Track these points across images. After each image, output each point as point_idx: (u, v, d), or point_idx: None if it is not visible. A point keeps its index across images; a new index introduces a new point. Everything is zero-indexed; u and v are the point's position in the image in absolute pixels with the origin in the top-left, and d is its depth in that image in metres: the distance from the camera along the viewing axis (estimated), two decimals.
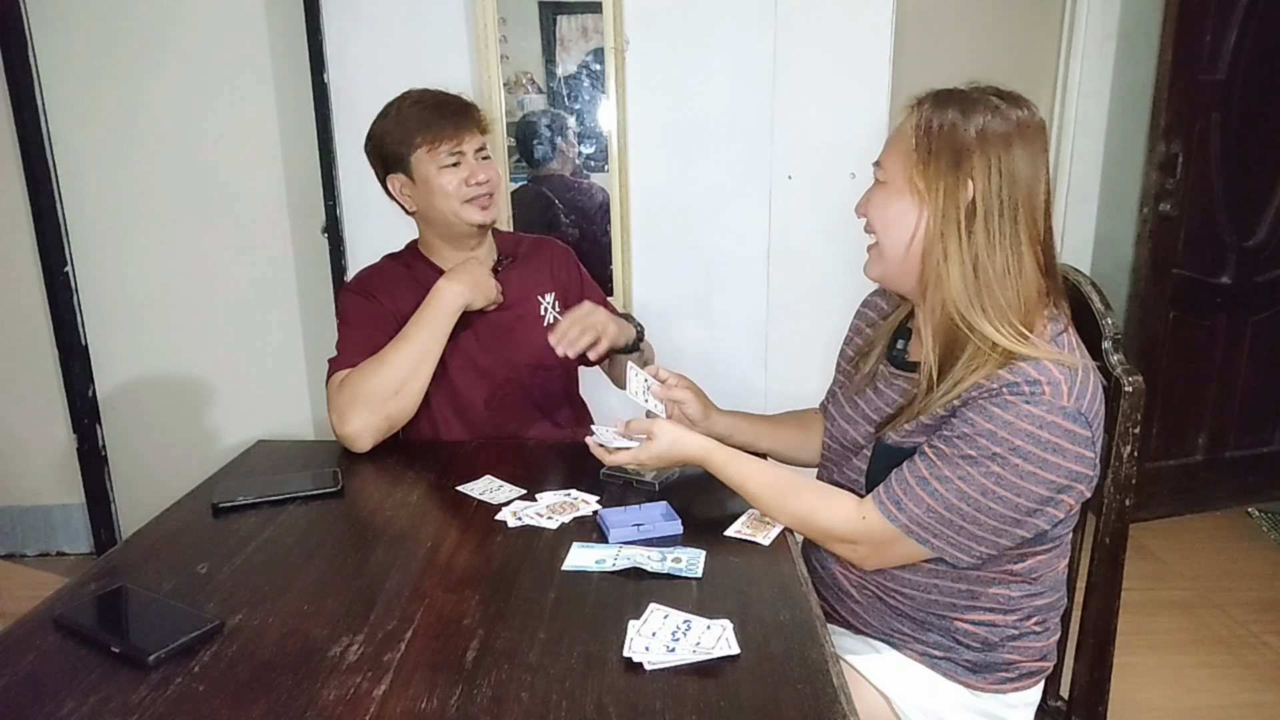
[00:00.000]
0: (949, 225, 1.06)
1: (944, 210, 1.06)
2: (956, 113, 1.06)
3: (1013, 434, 1.00)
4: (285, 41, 2.39)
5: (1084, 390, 1.01)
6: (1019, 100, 1.08)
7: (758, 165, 2.41)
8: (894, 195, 1.11)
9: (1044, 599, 1.16)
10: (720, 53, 2.35)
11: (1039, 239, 1.07)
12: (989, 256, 1.05)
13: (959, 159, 1.05)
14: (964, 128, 1.05)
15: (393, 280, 1.64)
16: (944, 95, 1.09)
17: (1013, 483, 1.01)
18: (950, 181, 1.05)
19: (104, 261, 2.55)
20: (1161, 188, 2.69)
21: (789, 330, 2.49)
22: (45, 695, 0.88)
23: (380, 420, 1.49)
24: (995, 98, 1.07)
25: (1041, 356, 1.01)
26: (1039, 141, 1.06)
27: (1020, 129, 1.05)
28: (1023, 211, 1.05)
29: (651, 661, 0.91)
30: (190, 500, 1.35)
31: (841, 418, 1.28)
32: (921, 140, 1.07)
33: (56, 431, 2.66)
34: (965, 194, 1.05)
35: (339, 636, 0.97)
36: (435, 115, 1.55)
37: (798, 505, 1.18)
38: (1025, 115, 1.06)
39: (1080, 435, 1.00)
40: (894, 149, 1.12)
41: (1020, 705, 1.19)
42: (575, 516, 1.27)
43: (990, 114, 1.05)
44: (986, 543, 1.05)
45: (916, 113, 1.10)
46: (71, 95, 2.45)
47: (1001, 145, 1.04)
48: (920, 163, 1.07)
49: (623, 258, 2.44)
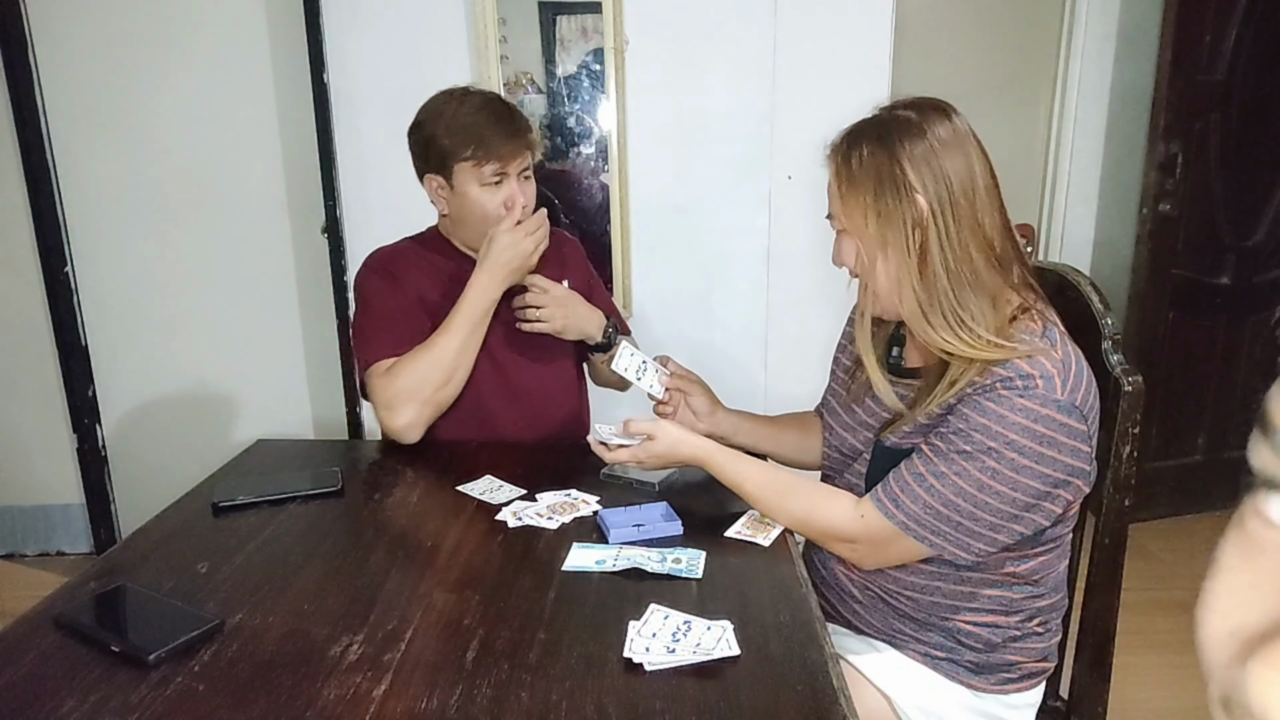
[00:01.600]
0: (897, 249, 1.07)
1: (889, 236, 1.07)
2: (872, 141, 1.07)
3: (1007, 428, 1.00)
4: (285, 41, 2.39)
5: (1078, 383, 1.01)
6: (929, 106, 1.08)
7: (758, 165, 2.41)
8: (847, 240, 1.13)
9: (1045, 600, 1.16)
10: (720, 53, 2.35)
11: (990, 241, 1.06)
12: (941, 268, 1.05)
13: (893, 181, 1.05)
14: (885, 151, 1.06)
15: (414, 264, 1.61)
16: (854, 131, 1.11)
17: (1009, 477, 1.01)
18: (891, 206, 1.06)
19: (104, 261, 2.55)
20: (1161, 188, 2.69)
21: (789, 330, 2.49)
22: (45, 694, 0.88)
23: (431, 410, 1.49)
24: (906, 110, 1.08)
25: (1034, 353, 1.01)
26: (966, 142, 1.06)
27: (941, 134, 1.05)
28: (965, 215, 1.05)
29: (652, 662, 0.91)
30: (190, 499, 1.35)
31: (840, 426, 1.28)
32: (846, 181, 1.09)
33: (56, 431, 2.66)
34: (912, 212, 1.05)
35: (339, 636, 0.97)
36: (492, 133, 1.49)
37: (796, 505, 1.18)
38: (937, 118, 1.07)
39: (1075, 429, 1.00)
40: (833, 198, 1.13)
41: (1021, 706, 1.19)
42: (575, 517, 1.27)
43: (905, 126, 1.06)
44: (984, 539, 1.05)
45: (834, 158, 1.12)
46: (71, 95, 2.45)
47: (928, 153, 1.05)
48: (856, 202, 1.09)
49: (623, 257, 2.44)
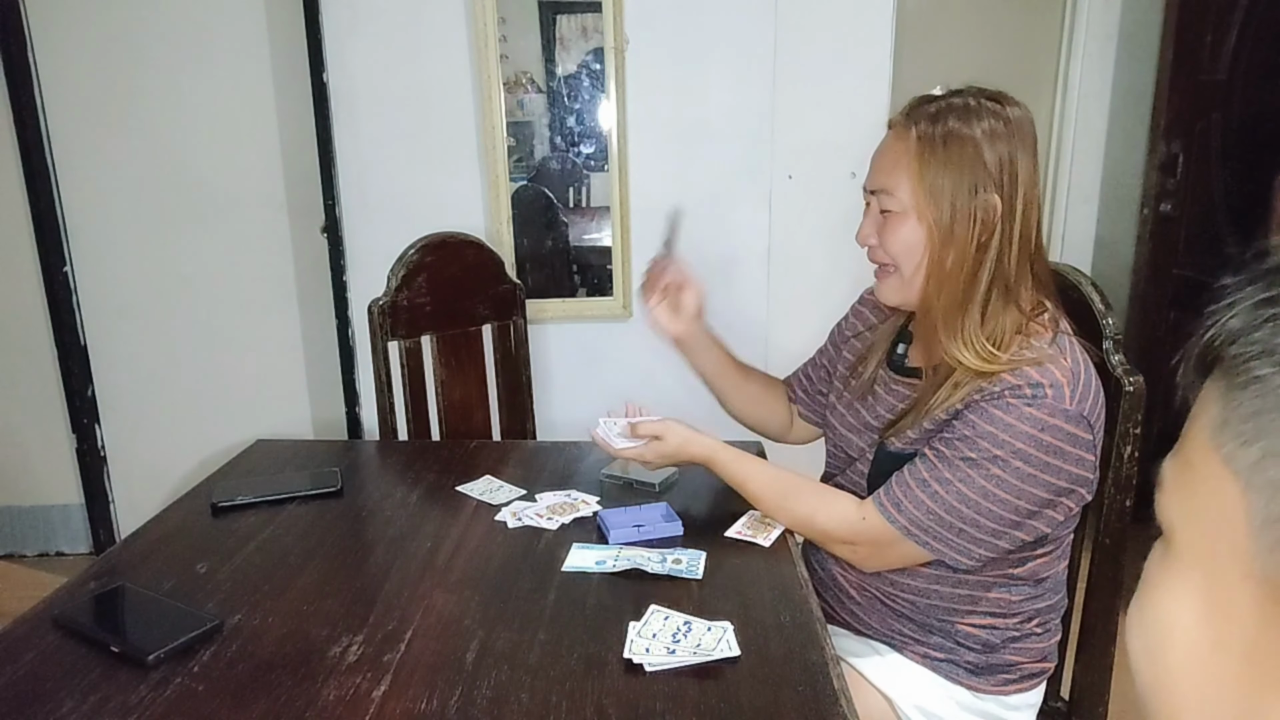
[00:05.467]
0: (960, 244, 1.03)
1: (956, 229, 1.03)
2: (960, 124, 1.02)
3: (1014, 437, 0.99)
4: (285, 41, 2.39)
5: (1086, 393, 1.00)
6: (1007, 99, 1.04)
7: (758, 165, 2.41)
8: (903, 221, 1.06)
9: (1045, 601, 1.16)
10: (720, 52, 2.35)
11: (1037, 246, 1.05)
12: (989, 272, 1.02)
13: (975, 173, 1.01)
14: (971, 139, 1.01)
15: None
16: (933, 106, 1.04)
17: (1013, 485, 1.00)
18: (969, 198, 1.02)
19: (103, 261, 2.54)
20: (1162, 188, 2.69)
21: (789, 330, 2.49)
22: (44, 694, 0.88)
23: None
24: (988, 101, 1.03)
25: (1043, 360, 1.00)
26: (1031, 140, 1.03)
27: (1019, 130, 1.02)
28: (1027, 220, 1.03)
29: (652, 663, 0.91)
30: (189, 500, 1.35)
31: (844, 427, 1.25)
32: (927, 161, 1.03)
33: (55, 431, 2.65)
34: (984, 209, 1.02)
35: (339, 637, 0.97)
36: None
37: (799, 507, 1.17)
38: (1020, 113, 1.03)
39: (1082, 439, 0.99)
40: (899, 174, 1.05)
41: (1022, 707, 1.18)
42: (575, 517, 1.26)
43: (992, 119, 1.01)
44: (985, 545, 1.05)
45: (912, 130, 1.04)
46: (70, 95, 2.44)
47: (1011, 150, 1.01)
48: (934, 185, 1.03)
49: (622, 258, 2.43)
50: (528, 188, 2.43)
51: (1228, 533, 0.35)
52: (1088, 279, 1.23)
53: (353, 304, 2.39)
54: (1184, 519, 0.38)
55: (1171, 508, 0.39)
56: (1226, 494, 0.35)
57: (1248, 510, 0.34)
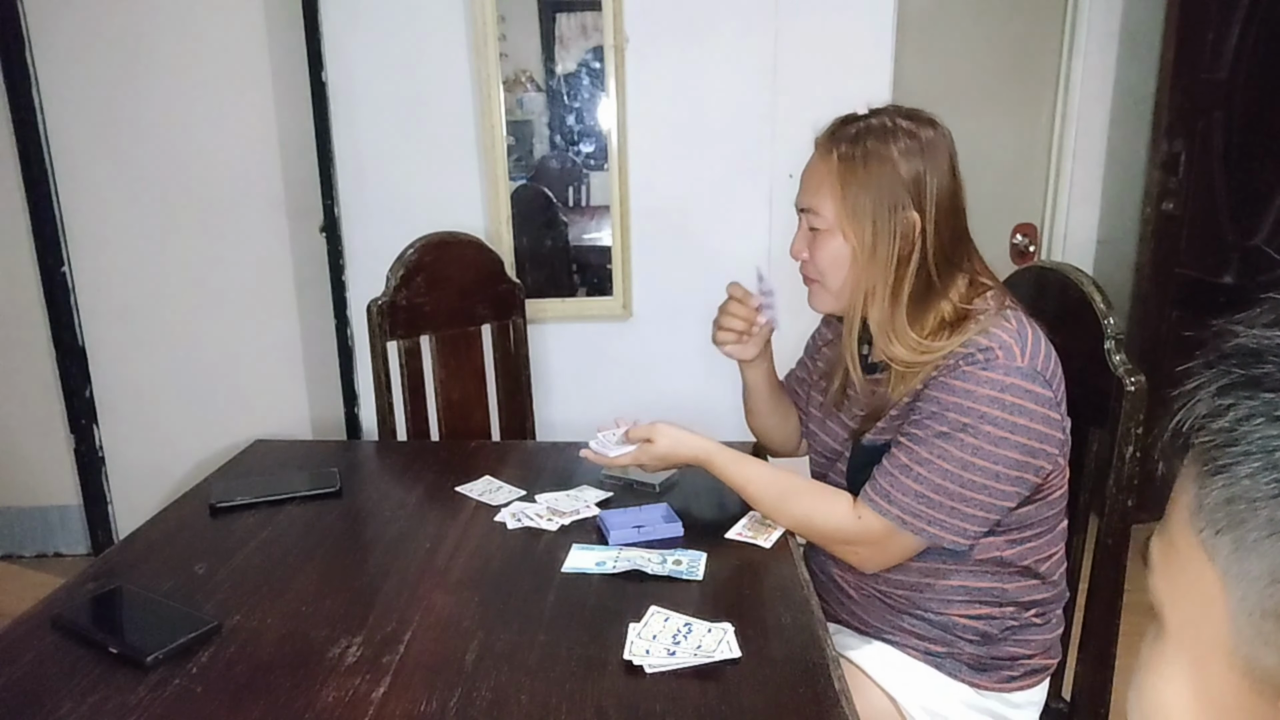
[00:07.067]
0: (882, 259, 1.09)
1: (879, 246, 1.09)
2: (877, 145, 1.08)
3: (976, 401, 1.02)
4: (283, 40, 2.39)
5: (1036, 350, 1.03)
6: (922, 118, 1.10)
7: (758, 164, 2.41)
8: (830, 239, 1.13)
9: (1041, 592, 1.16)
10: (721, 51, 2.35)
11: (965, 254, 1.11)
12: (911, 281, 1.08)
13: (894, 192, 1.07)
14: (889, 159, 1.07)
15: None
16: (854, 128, 1.11)
17: (989, 451, 1.02)
18: (889, 216, 1.08)
19: (101, 261, 2.54)
20: (1164, 187, 2.68)
21: (789, 330, 2.48)
22: (43, 695, 0.87)
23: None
24: (904, 120, 1.09)
25: (986, 326, 1.04)
26: (951, 155, 1.09)
27: (931, 148, 1.08)
28: (946, 232, 1.08)
29: (652, 665, 0.91)
30: (188, 500, 1.34)
31: (823, 431, 1.29)
32: (849, 183, 1.09)
33: (53, 432, 2.65)
34: (904, 225, 1.07)
35: (338, 638, 0.97)
36: None
37: (797, 508, 1.18)
38: (932, 134, 1.09)
39: (1043, 395, 1.02)
40: (824, 194, 1.12)
41: (1024, 704, 1.18)
42: (575, 518, 1.26)
43: (907, 139, 1.07)
44: (977, 519, 1.06)
45: (834, 152, 1.11)
46: (69, 94, 2.44)
47: (924, 168, 1.07)
48: (855, 205, 1.09)
49: (622, 258, 2.43)
50: (527, 187, 2.43)
51: (1211, 619, 0.34)
52: (1089, 278, 1.23)
53: (352, 304, 2.38)
54: (1171, 601, 0.38)
55: (1160, 589, 0.38)
56: (1207, 580, 0.34)
57: (1226, 600, 0.33)
